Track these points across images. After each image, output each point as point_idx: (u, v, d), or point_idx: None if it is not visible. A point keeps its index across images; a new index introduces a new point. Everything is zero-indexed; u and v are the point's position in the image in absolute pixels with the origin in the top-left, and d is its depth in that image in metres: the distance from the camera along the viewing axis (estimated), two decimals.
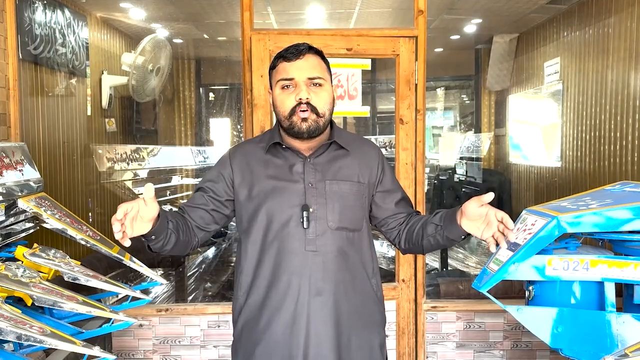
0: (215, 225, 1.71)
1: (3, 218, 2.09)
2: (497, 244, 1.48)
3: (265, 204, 1.61)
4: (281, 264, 1.58)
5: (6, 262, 1.92)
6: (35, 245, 2.17)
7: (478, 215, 1.50)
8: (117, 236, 1.36)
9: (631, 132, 3.24)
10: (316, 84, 1.59)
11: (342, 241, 1.61)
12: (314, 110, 1.57)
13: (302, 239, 1.58)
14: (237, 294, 1.67)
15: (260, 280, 1.61)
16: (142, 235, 1.45)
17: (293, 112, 1.57)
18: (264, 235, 1.61)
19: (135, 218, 1.39)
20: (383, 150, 5.83)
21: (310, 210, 1.58)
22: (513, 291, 3.00)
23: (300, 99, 1.56)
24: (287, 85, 1.58)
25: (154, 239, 1.49)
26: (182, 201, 5.16)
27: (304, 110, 1.55)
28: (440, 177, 5.81)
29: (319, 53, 1.65)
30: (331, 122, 1.69)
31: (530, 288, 2.14)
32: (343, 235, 1.61)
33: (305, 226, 1.57)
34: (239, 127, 5.43)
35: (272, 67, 1.65)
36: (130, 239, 1.39)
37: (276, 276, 1.59)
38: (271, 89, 1.66)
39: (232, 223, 1.85)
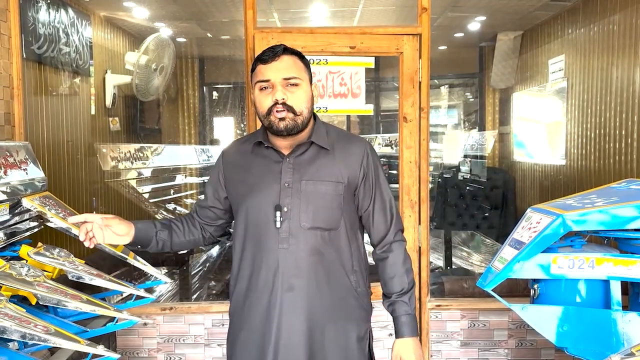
0: (221, 220, 1.86)
1: (8, 217, 2.10)
2: None
3: (245, 202, 1.71)
4: (258, 259, 1.69)
5: (11, 261, 1.92)
6: (40, 244, 2.17)
7: None
8: (82, 238, 1.65)
9: (636, 129, 3.22)
10: (292, 84, 1.64)
11: (315, 240, 1.67)
12: (290, 109, 1.62)
13: (275, 237, 1.66)
14: (230, 282, 1.81)
15: (243, 272, 1.73)
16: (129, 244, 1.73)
17: (269, 112, 1.63)
18: (244, 231, 1.72)
19: (102, 228, 1.65)
20: (387, 148, 5.83)
21: (284, 209, 1.66)
22: (518, 289, 2.98)
23: (276, 99, 1.62)
24: (264, 87, 1.65)
25: (140, 247, 1.74)
26: (186, 200, 5.17)
27: (280, 110, 1.62)
28: (445, 175, 5.79)
29: (296, 54, 1.70)
30: (315, 120, 1.75)
31: (535, 286, 2.14)
32: (317, 235, 1.67)
33: (277, 225, 1.65)
34: (242, 125, 5.43)
35: (252, 70, 1.71)
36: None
37: (255, 270, 1.70)
38: (252, 90, 1.72)
39: None
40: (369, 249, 1.85)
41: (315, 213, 1.67)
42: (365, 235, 1.86)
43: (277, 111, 1.61)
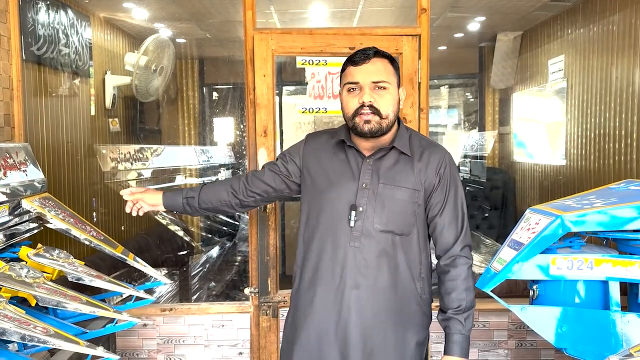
0: (260, 193, 1.93)
1: (7, 218, 2.10)
2: None
3: (321, 195, 1.76)
4: (326, 252, 1.73)
5: (10, 263, 1.92)
6: (39, 245, 2.18)
7: None
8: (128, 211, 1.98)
9: (636, 129, 3.22)
10: (380, 87, 1.68)
11: (386, 243, 1.71)
12: (376, 112, 1.66)
13: (347, 234, 1.70)
14: (295, 268, 1.86)
15: (310, 261, 1.77)
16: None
17: (356, 114, 1.67)
18: (316, 222, 1.76)
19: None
20: None
21: (360, 209, 1.70)
22: (517, 290, 2.98)
23: (363, 102, 1.66)
24: (352, 89, 1.69)
25: (177, 212, 2.02)
26: None
27: (367, 113, 1.66)
28: None
29: (387, 57, 1.73)
30: (399, 124, 1.77)
31: (534, 287, 2.14)
32: (388, 238, 1.71)
33: (351, 225, 1.70)
34: (242, 126, 5.43)
35: (342, 70, 1.76)
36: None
37: (322, 263, 1.74)
38: (340, 90, 1.77)
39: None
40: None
41: (388, 217, 1.70)
42: None
43: (363, 113, 1.65)
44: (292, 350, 1.78)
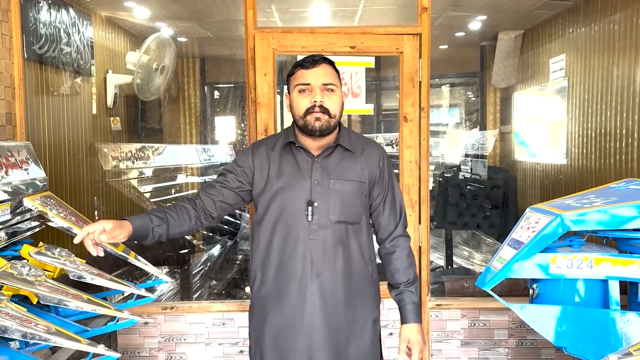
0: (218, 213, 1.93)
1: (9, 217, 2.11)
2: None
3: (277, 197, 1.86)
4: (288, 248, 1.85)
5: (12, 261, 1.93)
6: (41, 243, 2.18)
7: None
8: (92, 251, 1.65)
9: (637, 129, 3.22)
10: (329, 89, 1.83)
11: (341, 232, 1.86)
12: (326, 112, 1.81)
13: (306, 229, 1.83)
14: (253, 268, 1.93)
15: (272, 259, 1.87)
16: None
17: (307, 112, 1.81)
18: (275, 224, 1.86)
19: (104, 233, 1.64)
20: (388, 148, 5.83)
21: (315, 204, 1.83)
22: (518, 289, 2.99)
23: (315, 101, 1.80)
24: (303, 90, 1.82)
25: (137, 242, 1.81)
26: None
27: (318, 112, 1.79)
28: (445, 175, 5.80)
29: (331, 63, 1.89)
30: (340, 125, 1.91)
31: (534, 286, 2.14)
32: (342, 227, 1.86)
33: (309, 219, 1.83)
34: (242, 125, 5.44)
35: (291, 74, 1.89)
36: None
37: (284, 259, 1.85)
38: (289, 93, 1.90)
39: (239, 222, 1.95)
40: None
41: (341, 209, 1.85)
42: None
43: (314, 112, 1.79)
44: (263, 343, 1.88)
